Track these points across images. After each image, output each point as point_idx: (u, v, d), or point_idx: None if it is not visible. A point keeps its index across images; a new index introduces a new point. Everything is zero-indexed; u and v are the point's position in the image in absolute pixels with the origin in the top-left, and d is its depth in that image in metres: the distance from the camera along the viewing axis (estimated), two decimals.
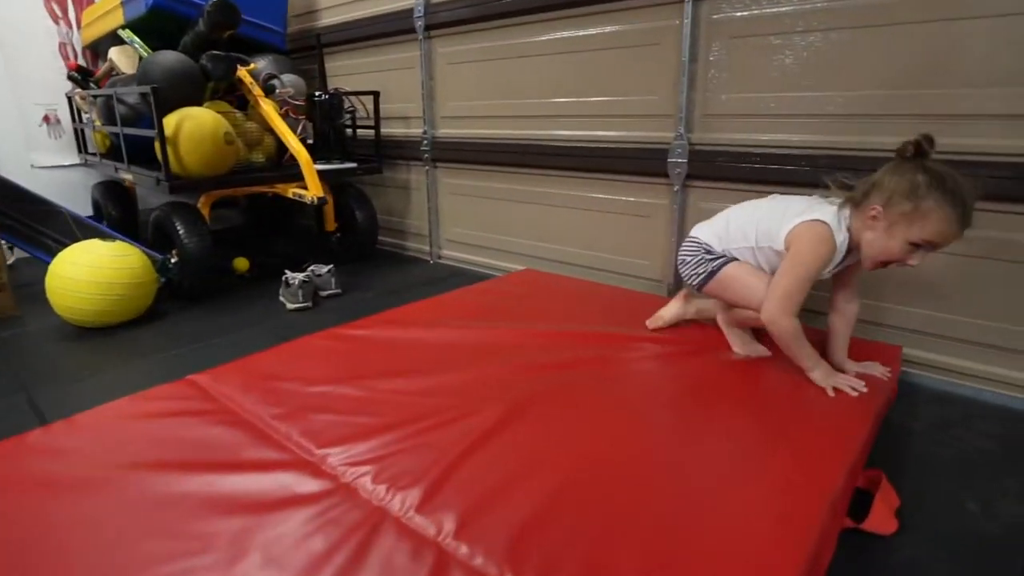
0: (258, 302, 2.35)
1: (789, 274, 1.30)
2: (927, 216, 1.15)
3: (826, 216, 1.28)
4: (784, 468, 1.04)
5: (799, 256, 1.29)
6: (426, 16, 2.61)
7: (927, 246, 1.18)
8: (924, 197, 1.15)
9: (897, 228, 1.19)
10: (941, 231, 1.15)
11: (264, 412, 1.24)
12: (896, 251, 1.20)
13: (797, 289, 1.28)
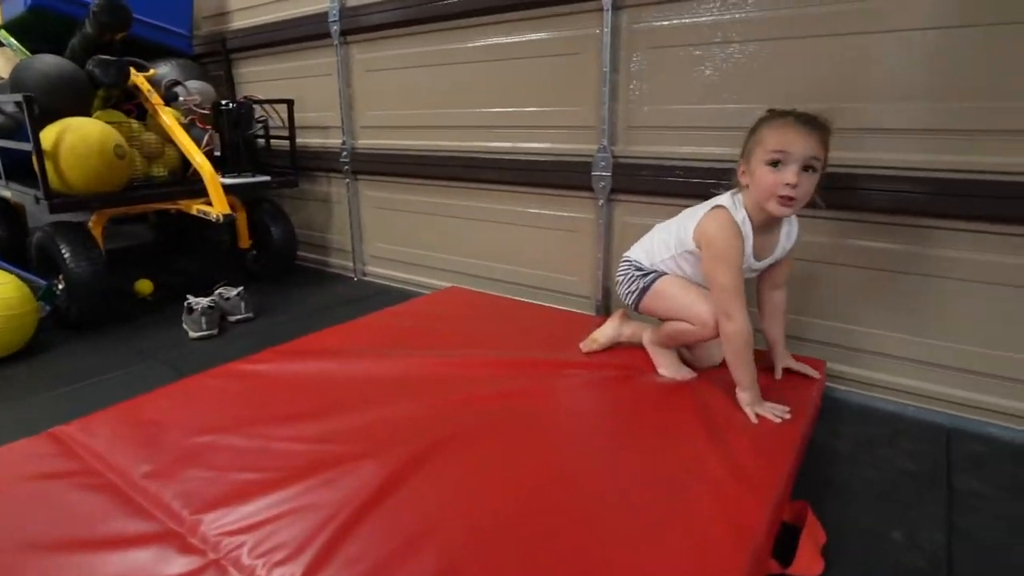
0: (159, 330, 2.15)
1: (714, 270, 1.29)
2: (762, 136, 1.23)
3: (722, 201, 1.31)
4: (706, 509, 0.97)
5: (712, 248, 1.30)
6: (341, 21, 2.47)
7: (782, 157, 1.20)
8: (756, 128, 1.27)
9: (754, 163, 1.25)
10: (778, 138, 1.20)
11: (134, 470, 1.09)
12: (765, 180, 1.23)
13: (730, 281, 1.27)
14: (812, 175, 1.22)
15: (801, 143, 1.19)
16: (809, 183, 1.22)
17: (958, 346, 1.48)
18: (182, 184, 2.41)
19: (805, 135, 1.19)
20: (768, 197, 1.24)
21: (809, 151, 1.20)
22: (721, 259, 1.28)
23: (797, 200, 1.23)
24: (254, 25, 2.83)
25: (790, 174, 1.20)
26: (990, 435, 1.44)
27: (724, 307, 1.28)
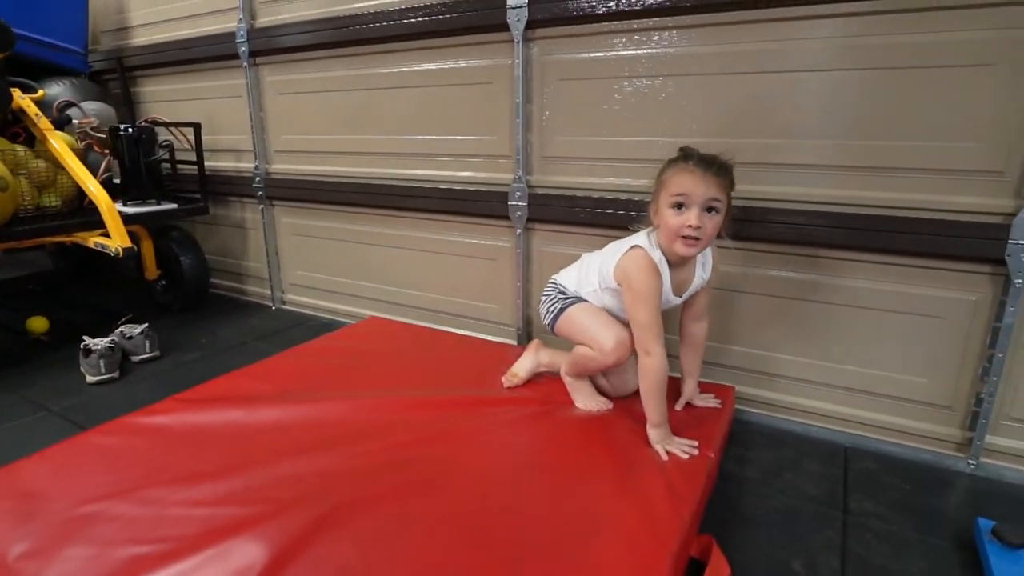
0: (54, 374, 2.00)
1: (634, 308, 1.32)
2: (666, 179, 1.28)
3: (638, 241, 1.34)
4: (612, 553, 0.98)
5: (631, 288, 1.32)
6: (250, 41, 2.38)
7: (684, 200, 1.25)
8: (662, 171, 1.31)
9: (660, 204, 1.30)
10: (679, 182, 1.25)
11: (7, 551, 1.00)
12: (670, 222, 1.27)
13: (648, 318, 1.30)
14: (715, 215, 1.27)
15: (702, 187, 1.23)
16: (712, 224, 1.27)
17: (855, 368, 1.57)
18: (77, 215, 2.26)
19: (706, 179, 1.23)
20: (674, 238, 1.28)
21: (710, 194, 1.24)
22: (640, 298, 1.31)
23: (701, 241, 1.27)
24: (158, 42, 2.68)
25: (692, 216, 1.24)
26: (882, 452, 1.53)
27: (643, 344, 1.31)
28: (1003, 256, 1.32)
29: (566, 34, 1.75)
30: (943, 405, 1.49)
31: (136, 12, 2.79)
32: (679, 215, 1.26)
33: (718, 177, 1.24)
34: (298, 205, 2.52)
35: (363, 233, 2.38)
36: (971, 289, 1.40)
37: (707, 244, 1.30)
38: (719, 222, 1.28)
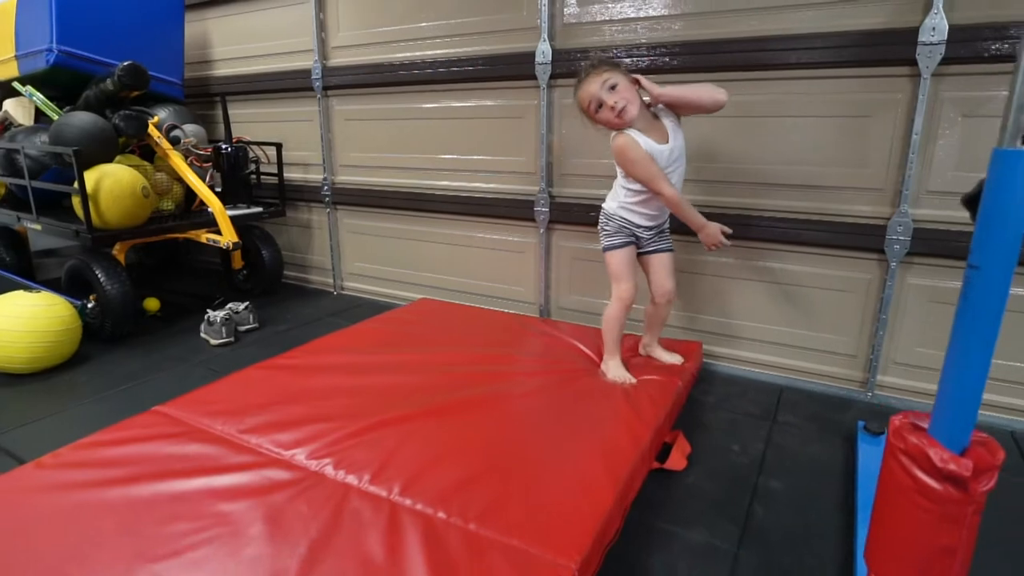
0: (179, 339, 2.58)
1: (637, 169, 1.73)
2: (580, 101, 1.75)
3: (615, 136, 1.77)
4: (612, 430, 1.57)
5: (628, 157, 1.72)
6: (323, 78, 2.97)
7: (595, 100, 1.70)
8: (577, 103, 1.77)
9: (594, 117, 1.75)
10: (584, 94, 1.72)
11: (232, 429, 1.58)
12: (603, 117, 1.72)
13: (648, 172, 1.71)
14: (618, 87, 1.67)
15: (596, 84, 1.67)
16: (621, 91, 1.67)
17: (788, 330, 2.16)
18: (189, 216, 2.85)
19: (593, 78, 1.68)
20: (615, 122, 1.70)
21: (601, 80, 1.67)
22: (637, 162, 1.70)
23: (628, 103, 1.67)
24: (244, 74, 3.28)
25: (608, 101, 1.67)
26: (806, 389, 2.12)
27: (655, 190, 1.74)
28: (883, 247, 1.91)
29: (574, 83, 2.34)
30: (849, 355, 2.09)
31: (218, 48, 3.39)
32: (602, 111, 1.69)
33: (600, 69, 1.68)
34: (357, 209, 3.11)
35: (412, 231, 2.97)
36: (865, 271, 2.00)
37: (633, 100, 1.68)
38: (626, 85, 1.68)
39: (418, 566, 1.09)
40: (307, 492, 1.32)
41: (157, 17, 3.14)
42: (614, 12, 2.22)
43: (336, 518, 1.23)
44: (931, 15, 1.73)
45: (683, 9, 2.10)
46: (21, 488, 1.35)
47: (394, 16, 2.73)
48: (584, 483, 1.35)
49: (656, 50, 2.15)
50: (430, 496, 1.29)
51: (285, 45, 3.10)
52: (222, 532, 1.20)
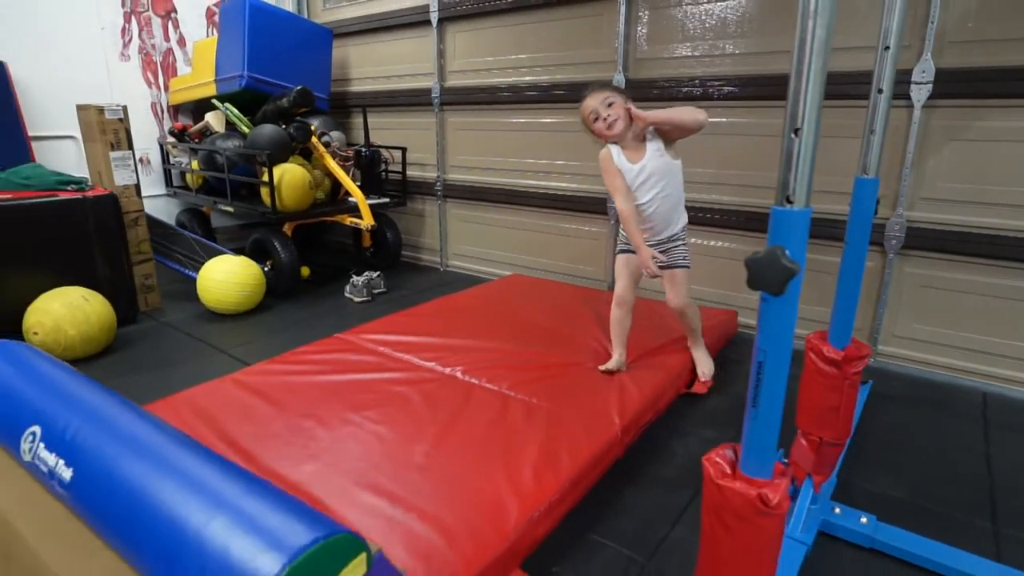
0: (327, 298, 3.40)
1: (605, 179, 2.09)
2: (583, 115, 2.07)
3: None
4: (661, 363, 2.19)
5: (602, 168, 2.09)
6: (441, 96, 3.72)
7: (594, 113, 2.00)
8: (582, 117, 2.09)
9: (592, 131, 2.07)
10: (585, 109, 2.03)
11: (388, 349, 2.32)
12: (597, 128, 2.03)
13: (611, 183, 2.05)
14: (614, 105, 1.97)
15: (597, 99, 1.98)
16: (615, 109, 1.96)
17: None
18: (336, 204, 3.67)
19: (595, 95, 1.99)
20: (606, 135, 2.01)
21: (602, 97, 1.98)
22: (604, 172, 2.06)
23: (616, 120, 1.97)
24: (378, 90, 4.09)
25: (602, 114, 1.98)
26: None
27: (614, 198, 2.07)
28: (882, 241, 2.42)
29: (645, 106, 2.94)
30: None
31: (355, 69, 4.22)
32: (598, 122, 2.00)
33: (600, 89, 2.00)
34: (463, 202, 3.84)
35: (505, 220, 3.66)
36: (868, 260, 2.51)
37: (623, 120, 1.97)
38: (620, 105, 1.97)
39: (518, 426, 1.77)
40: (445, 385, 2.02)
41: (313, 47, 3.99)
42: (674, 51, 2.81)
43: (466, 398, 1.93)
44: (922, 60, 2.23)
45: (728, 51, 2.67)
46: (261, 374, 2.13)
47: (498, 48, 3.43)
48: (623, 388, 1.98)
49: (708, 82, 2.72)
50: (524, 390, 1.97)
51: (412, 68, 3.87)
52: (395, 400, 1.92)
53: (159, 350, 2.67)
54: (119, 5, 3.88)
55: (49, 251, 2.63)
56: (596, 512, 1.58)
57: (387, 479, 1.49)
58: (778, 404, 0.84)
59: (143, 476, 0.99)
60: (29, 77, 3.48)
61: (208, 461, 1.01)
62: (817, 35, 0.70)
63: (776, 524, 0.85)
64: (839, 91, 2.25)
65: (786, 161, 0.76)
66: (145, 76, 4.08)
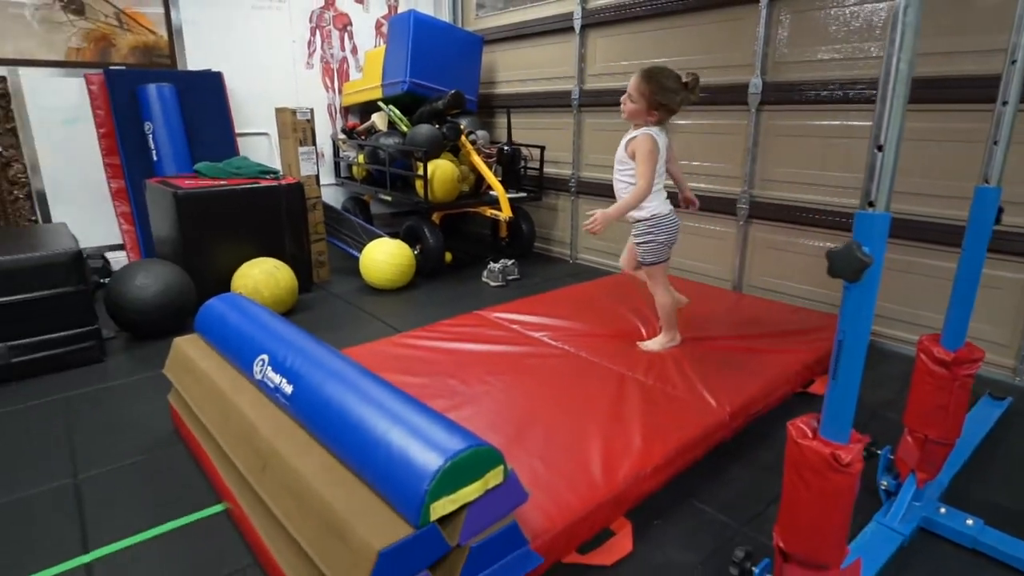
0: (466, 281, 3.76)
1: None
2: None
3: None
4: (781, 361, 2.27)
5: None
6: (580, 98, 3.95)
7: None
8: None
9: None
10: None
11: (518, 328, 2.60)
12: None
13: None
14: (625, 97, 2.21)
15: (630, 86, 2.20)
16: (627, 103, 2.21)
17: None
18: (478, 196, 4.03)
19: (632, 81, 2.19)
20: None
21: (628, 87, 2.21)
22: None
23: (624, 108, 2.24)
24: (519, 92, 4.41)
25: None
26: None
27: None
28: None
29: (783, 109, 2.97)
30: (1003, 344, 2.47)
31: (501, 72, 4.56)
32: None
33: (635, 75, 2.19)
34: (595, 198, 4.05)
35: None
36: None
37: (628, 114, 2.24)
38: (631, 104, 2.19)
39: (632, 400, 1.96)
40: (568, 361, 2.27)
41: (466, 53, 4.39)
42: (814, 54, 2.82)
43: (587, 373, 2.16)
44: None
45: (873, 54, 2.63)
46: (412, 339, 2.49)
47: (637, 52, 3.58)
48: (738, 378, 2.10)
49: (848, 85, 2.71)
50: (640, 371, 2.15)
51: (553, 72, 4.13)
52: (524, 369, 2.19)
53: (329, 314, 3.16)
54: (307, 21, 4.52)
55: (252, 228, 3.22)
56: (700, 482, 1.74)
57: (515, 429, 1.76)
58: (855, 379, 0.98)
59: (342, 395, 1.32)
60: (237, 84, 4.18)
61: (387, 388, 1.33)
62: (900, 69, 0.84)
63: (846, 481, 0.99)
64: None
65: (869, 172, 0.90)
66: (323, 81, 4.71)
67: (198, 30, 4.05)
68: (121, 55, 3.85)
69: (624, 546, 1.46)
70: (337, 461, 1.26)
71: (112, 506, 1.63)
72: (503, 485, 1.18)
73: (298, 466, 1.24)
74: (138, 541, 1.50)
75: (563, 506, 1.43)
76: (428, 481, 1.05)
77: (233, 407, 1.52)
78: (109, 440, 1.95)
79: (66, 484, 1.72)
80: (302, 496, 1.19)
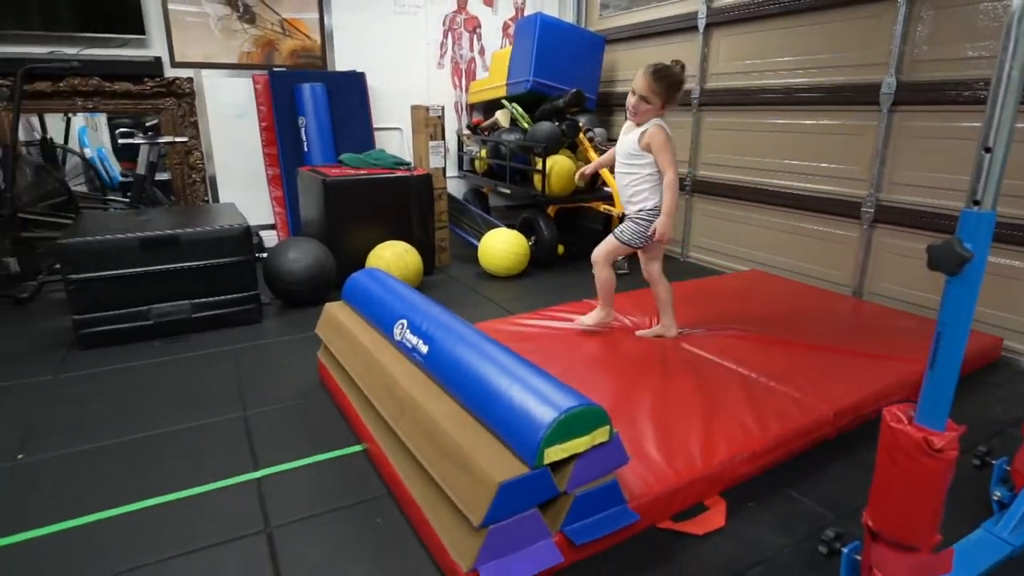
0: (576, 273, 3.91)
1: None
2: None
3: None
4: (898, 369, 2.23)
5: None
6: (700, 97, 3.96)
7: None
8: None
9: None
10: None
11: (629, 318, 2.71)
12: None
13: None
14: (640, 101, 2.24)
15: (638, 81, 2.23)
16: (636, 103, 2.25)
17: None
18: (593, 192, 4.17)
19: (640, 76, 2.23)
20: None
21: (635, 86, 2.23)
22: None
23: (635, 115, 2.28)
24: None
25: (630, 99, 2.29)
26: None
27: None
28: None
29: (918, 110, 2.85)
30: None
31: (620, 72, 4.65)
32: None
33: (643, 76, 2.20)
34: (709, 197, 4.05)
35: (750, 218, 3.78)
36: None
37: (640, 116, 2.28)
38: (641, 105, 2.24)
39: (735, 391, 2.03)
40: (674, 350, 2.36)
41: (588, 53, 4.53)
42: (956, 51, 2.68)
43: (692, 364, 2.24)
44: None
45: None
46: (525, 321, 2.68)
47: (762, 51, 3.55)
48: (848, 380, 2.09)
49: None
50: (746, 366, 2.20)
51: None
52: (630, 355, 2.31)
53: (449, 295, 3.44)
54: (440, 24, 4.85)
55: (385, 214, 3.56)
56: (798, 475, 1.78)
57: (618, 407, 1.89)
58: (953, 369, 1.03)
59: (471, 356, 1.53)
60: (376, 83, 4.59)
61: (510, 353, 1.52)
62: (1012, 76, 0.89)
63: (939, 466, 1.04)
64: None
65: (976, 172, 0.95)
66: (452, 80, 5.03)
67: (345, 34, 4.49)
68: (282, 58, 4.36)
69: (716, 520, 1.56)
70: (464, 410, 1.47)
71: (273, 437, 1.95)
72: (608, 444, 1.33)
73: (431, 411, 1.46)
74: (294, 466, 1.80)
75: (660, 476, 1.56)
76: (544, 430, 1.23)
77: (375, 362, 1.78)
78: (268, 385, 2.31)
79: (238, 416, 2.08)
80: (434, 436, 1.41)
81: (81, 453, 1.86)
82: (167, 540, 1.49)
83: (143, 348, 2.66)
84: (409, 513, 1.51)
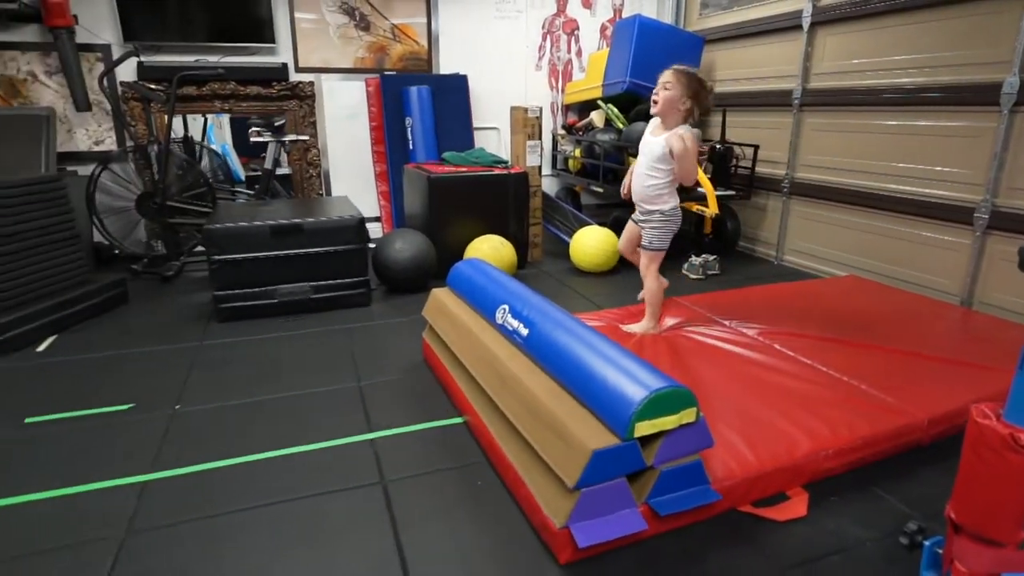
0: (666, 272, 3.91)
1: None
2: None
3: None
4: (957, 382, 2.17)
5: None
6: (802, 97, 3.89)
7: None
8: None
9: None
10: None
11: (719, 317, 2.76)
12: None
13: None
14: (665, 91, 2.31)
15: (664, 75, 2.32)
16: (661, 95, 2.32)
17: None
18: (687, 192, 4.18)
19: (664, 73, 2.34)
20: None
21: (663, 79, 2.32)
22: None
23: (657, 104, 2.35)
24: (737, 91, 4.45)
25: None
26: None
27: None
28: None
29: None
30: None
31: (719, 71, 4.62)
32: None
33: (684, 78, 2.28)
34: (808, 200, 3.97)
35: (851, 222, 3.68)
36: None
37: (659, 110, 2.37)
38: (667, 96, 2.30)
39: (825, 392, 2.05)
40: (764, 351, 2.38)
41: (685, 54, 4.52)
42: None
43: (782, 364, 2.26)
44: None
45: None
46: (614, 315, 2.79)
47: (872, 50, 3.45)
48: (946, 387, 2.05)
49: None
50: (838, 368, 2.21)
51: (773, 71, 4.12)
52: (718, 352, 2.37)
53: (541, 289, 3.54)
54: (540, 27, 5.02)
55: (484, 209, 3.77)
56: (886, 475, 1.79)
57: (706, 398, 1.97)
58: None
59: (569, 339, 1.67)
60: (476, 84, 4.81)
61: (604, 338, 1.65)
62: None
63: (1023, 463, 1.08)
64: None
65: None
66: (549, 81, 5.19)
67: (450, 39, 4.75)
68: (392, 62, 4.67)
69: (798, 509, 1.62)
70: (561, 387, 1.61)
71: (384, 405, 2.18)
72: (694, 425, 1.43)
73: (531, 385, 1.62)
74: (402, 432, 2.01)
75: (743, 462, 1.63)
76: (636, 406, 1.35)
77: (478, 341, 1.96)
78: (377, 361, 2.56)
79: (353, 386, 2.33)
80: (534, 407, 1.56)
81: (225, 408, 2.17)
82: (301, 482, 1.74)
83: (269, 323, 3.00)
84: (506, 477, 1.68)
